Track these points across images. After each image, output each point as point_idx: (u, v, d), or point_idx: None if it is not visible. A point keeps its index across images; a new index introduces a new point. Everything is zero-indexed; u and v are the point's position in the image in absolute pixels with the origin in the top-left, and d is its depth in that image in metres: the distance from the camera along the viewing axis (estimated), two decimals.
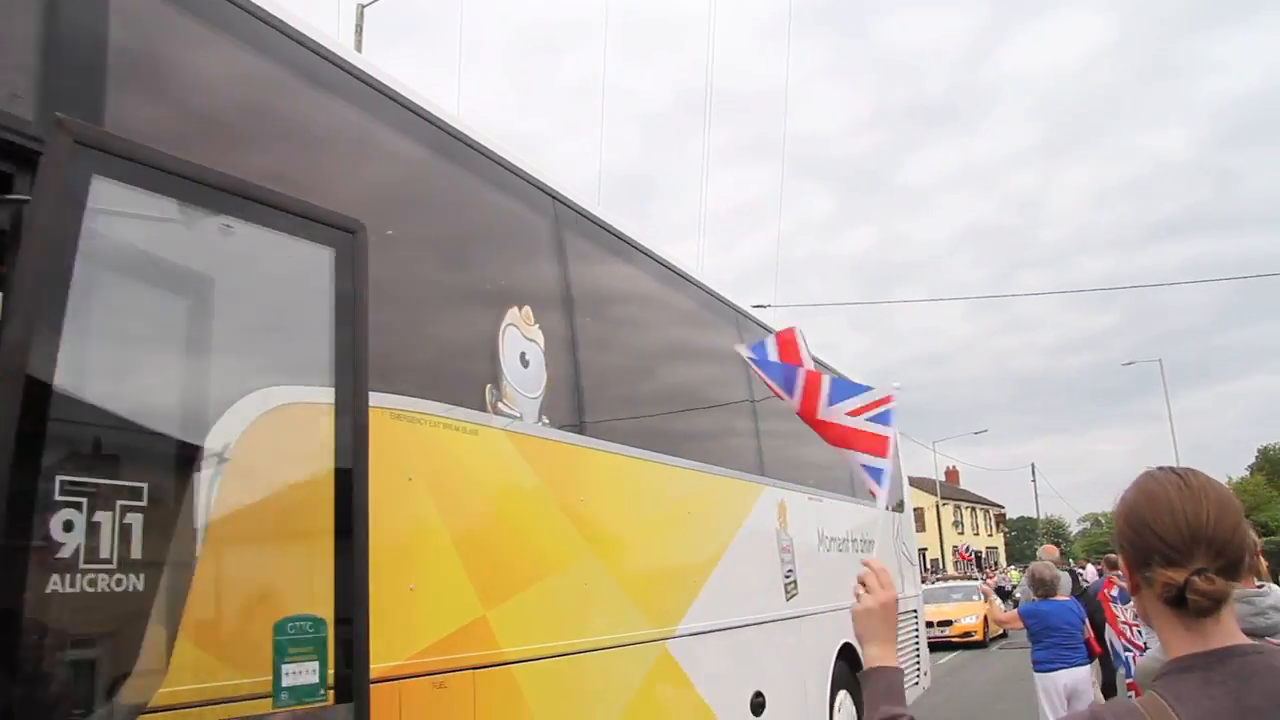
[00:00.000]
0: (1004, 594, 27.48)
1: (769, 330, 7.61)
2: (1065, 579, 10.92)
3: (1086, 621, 8.69)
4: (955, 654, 24.28)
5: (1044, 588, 8.55)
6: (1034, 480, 71.85)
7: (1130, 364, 55.49)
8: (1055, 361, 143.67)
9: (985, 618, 25.12)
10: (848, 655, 8.14)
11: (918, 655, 10.69)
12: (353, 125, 3.81)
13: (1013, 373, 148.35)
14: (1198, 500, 1.65)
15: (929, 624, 24.64)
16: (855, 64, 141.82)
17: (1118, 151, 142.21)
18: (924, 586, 32.35)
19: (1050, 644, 8.37)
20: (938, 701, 17.74)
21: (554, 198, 5.05)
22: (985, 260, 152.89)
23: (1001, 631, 26.96)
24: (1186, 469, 1.74)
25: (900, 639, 10.13)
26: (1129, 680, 8.71)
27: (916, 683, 10.36)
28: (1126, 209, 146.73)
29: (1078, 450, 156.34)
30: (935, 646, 23.93)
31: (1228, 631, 1.63)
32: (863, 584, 2.18)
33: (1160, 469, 1.76)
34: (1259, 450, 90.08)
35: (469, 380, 4.12)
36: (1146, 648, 8.65)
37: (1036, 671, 8.50)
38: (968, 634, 25.56)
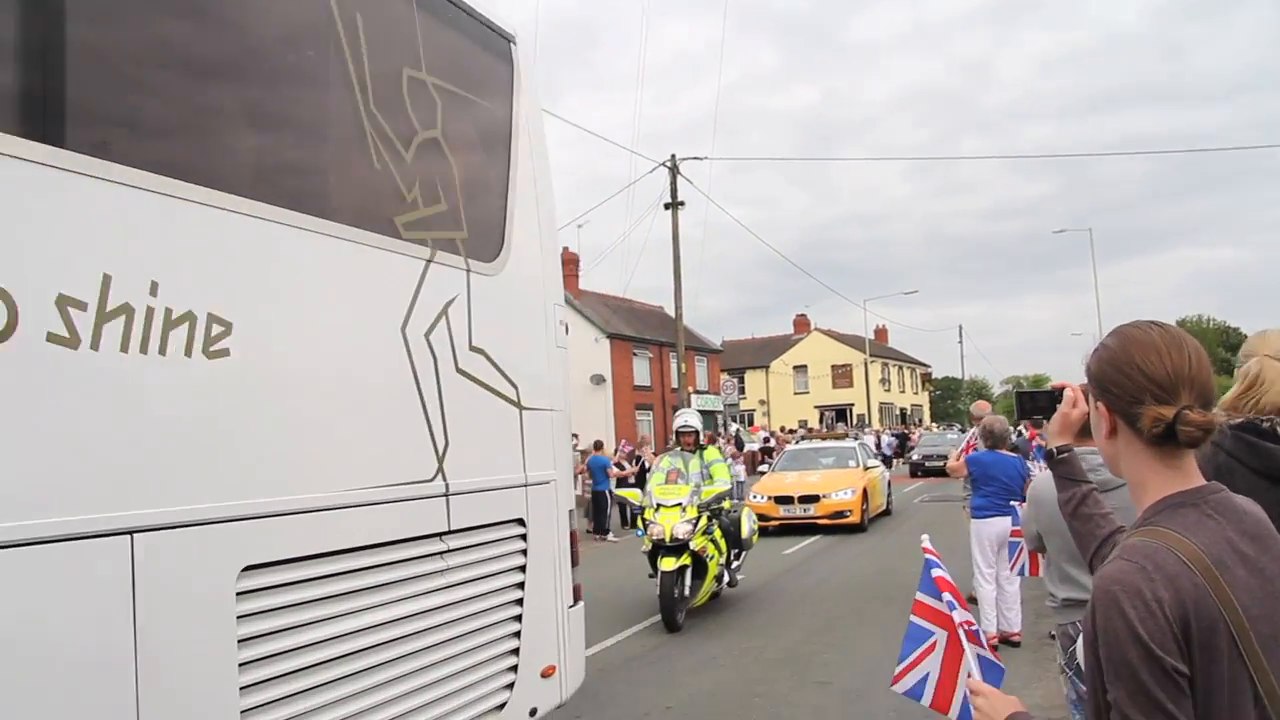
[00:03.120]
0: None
1: None
2: (1013, 435, 10.53)
3: (1028, 477, 8.23)
4: (817, 538, 16.64)
5: (992, 439, 8.46)
6: (960, 342, 67.09)
7: (1062, 232, 51.86)
8: (990, 226, 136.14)
9: (865, 492, 17.89)
10: None
11: (517, 631, 3.93)
12: None
13: (947, 235, 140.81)
14: (1179, 346, 1.66)
15: (783, 499, 17.59)
16: None
17: (1067, 19, 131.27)
18: (789, 446, 25.32)
19: (988, 492, 8.34)
20: (858, 551, 13.61)
21: None
22: (928, 122, 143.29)
23: (885, 509, 20.00)
24: (1162, 321, 1.74)
25: (453, 578, 3.41)
26: (1014, 528, 7.95)
27: (510, 684, 3.65)
28: (1071, 78, 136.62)
29: (1005, 315, 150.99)
30: (794, 530, 17.28)
31: (1197, 472, 1.66)
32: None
33: (1135, 321, 1.75)
34: (1177, 322, 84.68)
35: None
36: None
37: (973, 518, 8.54)
38: (840, 514, 17.30)
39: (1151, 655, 1.43)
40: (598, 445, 21.47)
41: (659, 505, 9.94)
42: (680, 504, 9.81)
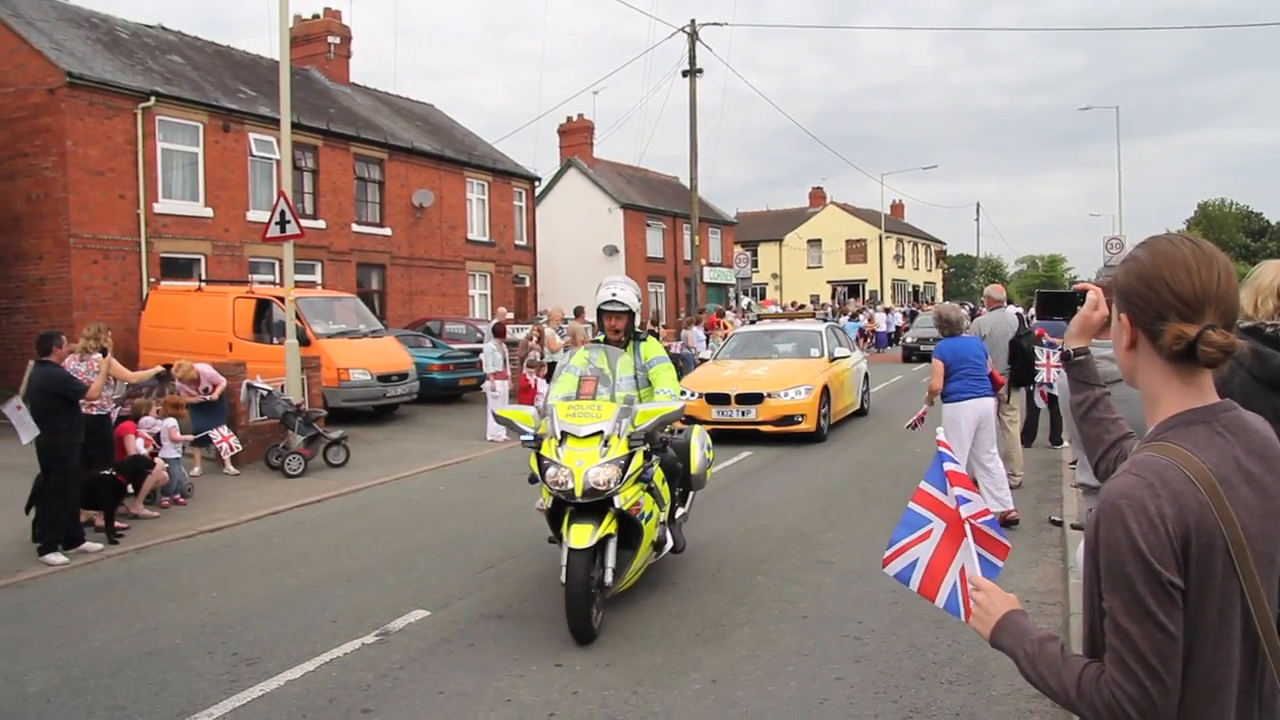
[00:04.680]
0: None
1: None
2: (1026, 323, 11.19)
3: (989, 358, 8.57)
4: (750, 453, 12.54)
5: (951, 327, 8.48)
6: (978, 219, 65.31)
7: (1087, 109, 50.73)
8: (1016, 100, 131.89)
9: (825, 390, 13.54)
10: None
11: None
12: None
13: (972, 109, 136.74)
14: (1210, 263, 1.60)
15: (718, 398, 13.32)
16: None
17: None
18: (740, 328, 20.20)
19: (962, 375, 8.17)
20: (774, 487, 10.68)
21: None
22: None
23: (859, 408, 16.00)
24: (1195, 236, 1.70)
25: None
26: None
27: None
28: None
29: (1024, 193, 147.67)
30: (729, 436, 13.07)
31: (1213, 390, 1.64)
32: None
33: (1167, 234, 1.70)
34: (1199, 205, 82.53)
35: None
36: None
37: (947, 403, 8.22)
38: (789, 418, 12.96)
39: (1150, 569, 1.46)
40: None
41: (565, 434, 5.87)
42: (601, 432, 5.86)
